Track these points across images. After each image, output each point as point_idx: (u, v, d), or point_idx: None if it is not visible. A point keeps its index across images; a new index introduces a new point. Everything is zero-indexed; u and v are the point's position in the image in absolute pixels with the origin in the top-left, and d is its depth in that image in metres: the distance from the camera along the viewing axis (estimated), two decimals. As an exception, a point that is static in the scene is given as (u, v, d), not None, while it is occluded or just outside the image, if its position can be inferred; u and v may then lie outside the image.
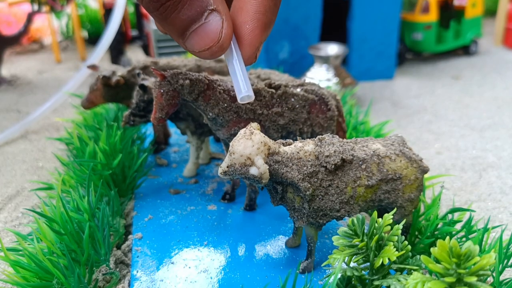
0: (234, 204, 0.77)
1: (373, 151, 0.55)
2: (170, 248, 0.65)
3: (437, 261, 0.40)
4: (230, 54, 0.45)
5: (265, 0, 0.44)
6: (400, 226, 0.47)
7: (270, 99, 0.66)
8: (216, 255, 0.63)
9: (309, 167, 0.52)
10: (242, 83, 0.46)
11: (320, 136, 0.55)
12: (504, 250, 0.56)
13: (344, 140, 0.56)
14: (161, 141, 0.99)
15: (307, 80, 0.72)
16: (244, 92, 0.46)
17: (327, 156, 0.53)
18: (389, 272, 0.48)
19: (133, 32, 1.87)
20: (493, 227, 0.62)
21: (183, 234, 0.69)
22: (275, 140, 0.53)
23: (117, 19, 1.33)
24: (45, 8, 1.74)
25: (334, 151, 0.53)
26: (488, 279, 0.55)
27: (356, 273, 0.47)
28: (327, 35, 1.58)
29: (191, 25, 0.42)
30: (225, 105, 0.63)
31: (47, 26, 2.18)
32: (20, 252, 0.60)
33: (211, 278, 0.59)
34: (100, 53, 1.30)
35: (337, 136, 0.56)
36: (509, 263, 0.56)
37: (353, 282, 0.49)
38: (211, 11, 0.41)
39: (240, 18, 0.44)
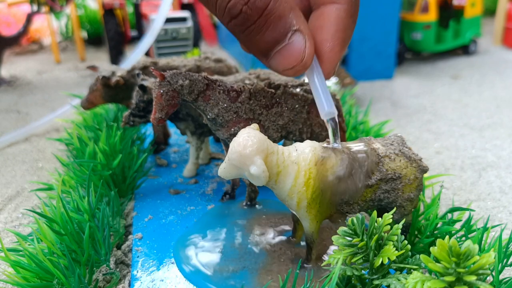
0: (234, 204, 0.77)
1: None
2: (170, 248, 0.65)
3: (437, 260, 0.40)
4: (311, 71, 0.46)
5: (344, 18, 0.44)
6: (400, 225, 0.47)
7: (269, 99, 0.66)
8: (216, 255, 0.63)
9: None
10: (325, 100, 0.47)
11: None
12: (504, 249, 0.56)
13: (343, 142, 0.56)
14: (161, 141, 0.99)
15: (307, 80, 0.72)
16: (327, 108, 0.48)
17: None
18: (388, 272, 0.48)
19: (133, 32, 1.87)
20: (493, 226, 0.63)
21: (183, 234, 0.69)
22: (274, 140, 0.54)
23: (158, 25, 1.33)
24: (44, 9, 1.74)
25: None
26: (488, 278, 0.55)
27: (356, 273, 0.47)
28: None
29: (275, 46, 0.43)
30: (225, 105, 0.63)
31: (46, 26, 2.18)
32: (21, 253, 0.60)
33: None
34: (137, 57, 1.29)
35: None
36: (509, 262, 0.56)
37: (353, 282, 0.49)
38: (294, 31, 0.42)
39: (320, 36, 0.45)
